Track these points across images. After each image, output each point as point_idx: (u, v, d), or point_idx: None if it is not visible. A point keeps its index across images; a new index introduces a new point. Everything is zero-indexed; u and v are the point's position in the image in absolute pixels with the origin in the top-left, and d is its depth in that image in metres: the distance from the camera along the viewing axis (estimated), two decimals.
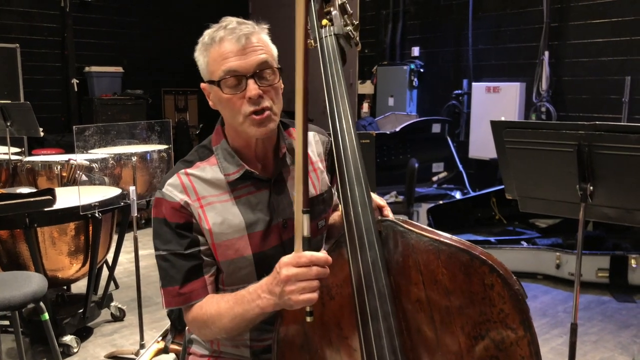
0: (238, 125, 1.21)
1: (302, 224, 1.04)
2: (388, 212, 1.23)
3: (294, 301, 1.04)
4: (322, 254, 1.04)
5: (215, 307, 1.19)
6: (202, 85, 1.25)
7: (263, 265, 1.23)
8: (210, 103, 1.26)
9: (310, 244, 1.05)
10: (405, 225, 1.06)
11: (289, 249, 1.14)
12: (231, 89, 1.18)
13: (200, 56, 1.23)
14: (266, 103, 1.19)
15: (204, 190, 1.24)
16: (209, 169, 1.26)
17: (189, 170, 1.25)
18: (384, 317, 1.04)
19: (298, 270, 1.03)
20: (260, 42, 1.20)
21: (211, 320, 1.19)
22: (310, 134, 1.38)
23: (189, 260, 1.21)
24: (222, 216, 1.22)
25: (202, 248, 1.22)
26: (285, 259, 1.05)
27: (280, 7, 7.57)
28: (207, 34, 1.22)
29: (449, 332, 1.01)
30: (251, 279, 1.23)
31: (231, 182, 1.24)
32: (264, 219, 1.25)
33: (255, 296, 1.11)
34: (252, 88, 1.17)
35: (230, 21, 1.21)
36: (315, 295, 1.03)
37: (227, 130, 1.29)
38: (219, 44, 1.18)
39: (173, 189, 1.23)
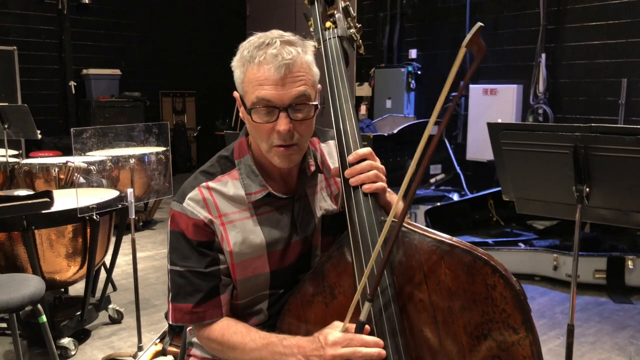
0: (263, 150, 1.16)
1: (364, 311, 1.02)
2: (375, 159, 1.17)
3: None
4: (373, 339, 1.02)
5: (240, 338, 1.15)
6: (235, 94, 1.18)
7: (277, 279, 1.22)
8: (240, 114, 1.19)
9: (363, 329, 1.03)
10: (409, 226, 1.07)
11: (305, 265, 1.14)
12: (261, 117, 1.10)
13: (237, 69, 1.14)
14: (294, 139, 1.12)
15: (226, 207, 1.19)
16: (231, 184, 1.20)
17: (211, 184, 1.20)
18: (387, 317, 1.04)
19: (346, 351, 1.01)
20: (302, 69, 1.10)
21: (231, 348, 1.16)
22: (331, 144, 1.32)
23: (208, 279, 1.17)
24: (243, 235, 1.18)
25: (221, 267, 1.19)
26: (334, 336, 1.03)
27: (276, 9, 7.58)
28: (247, 46, 1.12)
29: (451, 332, 1.01)
30: (263, 290, 1.23)
31: (253, 201, 1.20)
32: (285, 237, 1.21)
33: (289, 352, 1.08)
34: (283, 123, 1.09)
35: (274, 40, 1.10)
36: None
37: (253, 144, 1.22)
38: (258, 66, 1.09)
39: (195, 205, 1.17)
